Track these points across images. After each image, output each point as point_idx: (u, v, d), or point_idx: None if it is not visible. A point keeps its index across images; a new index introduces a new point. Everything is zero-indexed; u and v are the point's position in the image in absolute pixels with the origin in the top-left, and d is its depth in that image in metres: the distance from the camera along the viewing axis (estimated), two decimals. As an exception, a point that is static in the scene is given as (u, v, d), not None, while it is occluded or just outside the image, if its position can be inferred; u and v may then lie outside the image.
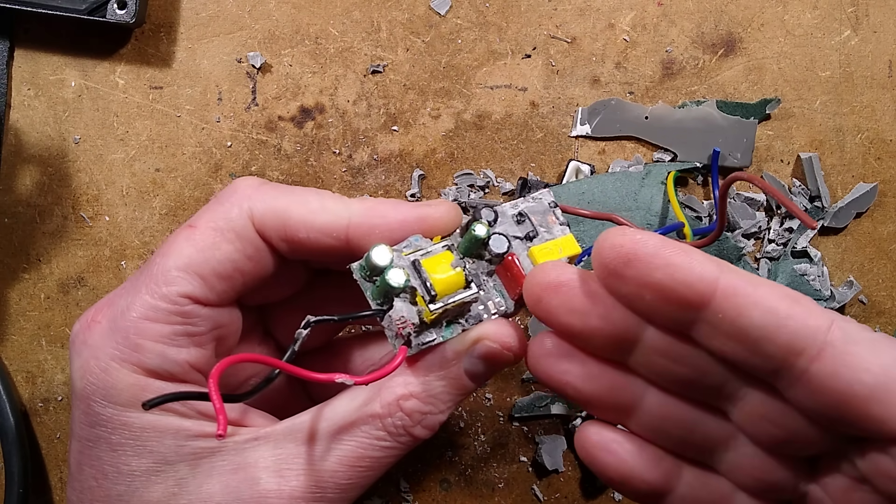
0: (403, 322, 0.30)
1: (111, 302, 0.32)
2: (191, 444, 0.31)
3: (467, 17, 0.47)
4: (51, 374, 0.46)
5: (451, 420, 0.47)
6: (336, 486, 0.31)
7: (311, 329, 0.29)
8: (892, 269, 0.49)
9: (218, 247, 0.31)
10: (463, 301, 0.30)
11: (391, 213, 0.32)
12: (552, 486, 0.48)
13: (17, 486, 0.43)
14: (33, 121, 0.46)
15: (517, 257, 0.31)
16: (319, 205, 0.32)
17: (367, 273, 0.30)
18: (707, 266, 0.25)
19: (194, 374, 0.32)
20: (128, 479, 0.31)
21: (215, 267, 0.31)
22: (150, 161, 0.46)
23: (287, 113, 0.46)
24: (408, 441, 0.31)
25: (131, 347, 0.31)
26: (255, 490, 0.30)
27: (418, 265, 0.30)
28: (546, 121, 0.47)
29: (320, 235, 0.32)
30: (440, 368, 0.31)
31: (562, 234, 0.33)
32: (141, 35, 0.46)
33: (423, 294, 0.30)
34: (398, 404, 0.31)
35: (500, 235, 0.31)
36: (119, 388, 0.30)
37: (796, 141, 0.48)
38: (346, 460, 0.31)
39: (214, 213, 0.32)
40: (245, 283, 0.33)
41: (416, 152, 0.47)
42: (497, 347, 0.31)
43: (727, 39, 0.48)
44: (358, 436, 0.31)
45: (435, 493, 0.47)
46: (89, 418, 0.31)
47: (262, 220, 0.32)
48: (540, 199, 0.33)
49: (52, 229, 0.46)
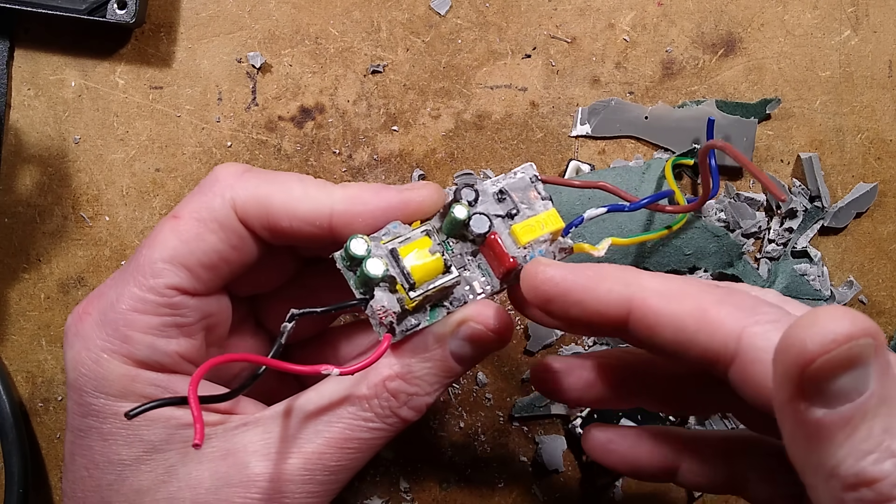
0: (385, 311, 0.30)
1: (101, 294, 0.32)
2: (181, 433, 0.32)
3: (467, 17, 0.47)
4: (51, 374, 0.46)
5: (451, 420, 0.47)
6: (325, 467, 0.31)
7: (296, 322, 0.29)
8: (892, 269, 0.49)
9: (202, 238, 0.32)
10: (443, 286, 0.31)
11: (373, 201, 0.32)
12: (552, 486, 0.48)
13: (17, 485, 0.43)
14: (33, 121, 0.46)
15: (499, 236, 0.31)
16: (302, 192, 0.32)
17: (348, 263, 0.31)
18: (615, 290, 0.26)
19: (184, 364, 0.33)
20: (118, 468, 0.31)
21: (200, 258, 0.32)
22: (150, 161, 0.46)
23: (287, 113, 0.46)
24: (395, 422, 0.32)
25: (121, 339, 0.31)
26: (245, 474, 0.31)
27: (396, 254, 0.30)
28: (546, 121, 0.47)
29: (303, 224, 0.32)
30: (425, 350, 0.31)
31: (544, 209, 0.33)
32: (141, 35, 0.46)
33: (402, 283, 0.30)
34: (384, 385, 0.31)
35: (482, 215, 0.31)
36: (110, 378, 0.31)
37: (796, 141, 0.48)
38: (334, 441, 0.31)
39: (198, 204, 0.32)
40: (231, 272, 0.33)
41: (416, 152, 0.47)
42: (481, 328, 0.31)
43: (727, 39, 0.48)
44: (345, 417, 0.31)
45: (435, 493, 0.47)
46: (81, 408, 0.32)
47: (245, 210, 0.32)
48: (522, 175, 0.33)
49: (52, 229, 0.46)
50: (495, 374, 0.47)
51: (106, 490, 0.31)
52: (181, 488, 0.31)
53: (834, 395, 0.20)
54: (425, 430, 0.47)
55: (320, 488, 0.31)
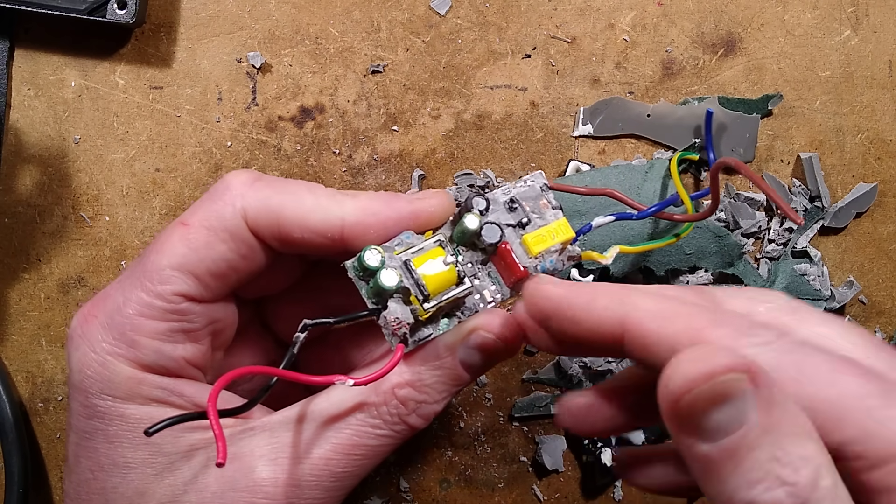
0: (399, 323, 0.30)
1: (107, 296, 0.32)
2: (187, 437, 0.31)
3: (467, 17, 0.47)
4: (51, 374, 0.46)
5: (451, 420, 0.47)
6: (331, 473, 0.31)
7: (308, 333, 0.29)
8: (892, 269, 0.49)
9: (212, 247, 0.32)
10: (457, 297, 0.31)
11: (384, 211, 0.32)
12: (552, 486, 0.48)
13: (16, 486, 0.43)
14: (33, 121, 0.46)
15: (510, 245, 0.31)
16: (314, 203, 0.32)
17: (361, 273, 0.31)
18: (610, 308, 0.26)
19: (190, 368, 0.33)
20: (123, 470, 0.31)
21: (209, 266, 0.32)
22: (150, 161, 0.46)
23: (287, 113, 0.46)
24: (403, 430, 0.32)
25: (128, 343, 0.31)
26: (251, 479, 0.31)
27: (410, 266, 0.30)
28: (546, 121, 0.47)
29: (314, 236, 0.32)
30: (436, 359, 0.31)
31: (555, 218, 0.33)
32: (141, 35, 0.46)
33: (416, 294, 0.30)
34: (393, 393, 0.31)
35: (493, 225, 0.31)
36: (116, 381, 0.31)
37: (796, 141, 0.48)
38: (342, 448, 0.31)
39: (208, 212, 0.32)
40: (239, 280, 0.33)
41: (416, 152, 0.47)
42: (491, 337, 0.31)
43: (727, 39, 0.48)
44: (353, 424, 0.31)
45: (435, 493, 0.47)
46: (87, 410, 0.31)
47: (256, 220, 0.32)
48: (532, 184, 0.33)
49: (52, 229, 0.46)
50: (495, 374, 0.47)
51: (111, 493, 0.31)
52: (187, 492, 0.31)
53: (712, 429, 0.22)
54: (425, 430, 0.47)
55: (326, 494, 0.31)
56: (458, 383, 0.32)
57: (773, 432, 0.21)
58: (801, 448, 0.21)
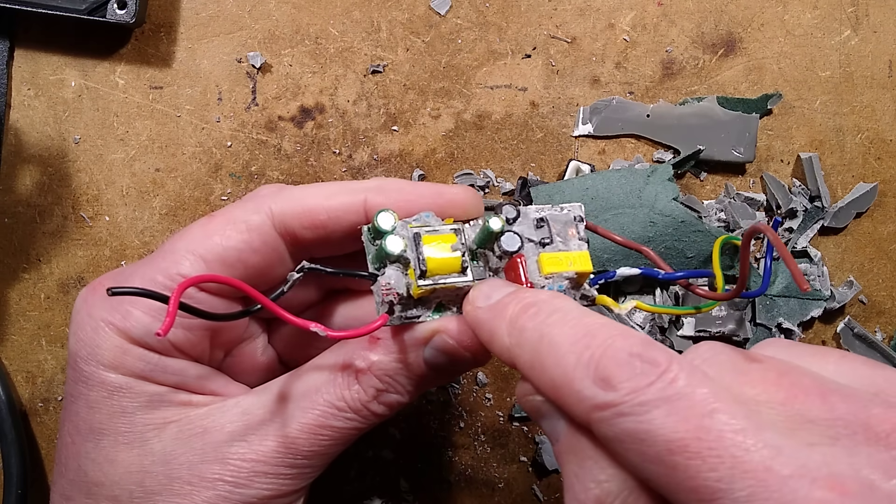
0: (389, 289, 0.30)
1: (122, 271, 0.34)
2: (162, 410, 0.33)
3: (467, 17, 0.47)
4: (51, 374, 0.46)
5: (451, 420, 0.47)
6: (298, 451, 0.32)
7: (304, 275, 0.29)
8: (892, 269, 0.49)
9: (227, 235, 0.33)
10: (455, 286, 0.31)
11: (407, 187, 0.33)
12: (552, 486, 0.48)
13: (16, 486, 0.43)
14: (33, 121, 0.46)
15: (524, 260, 0.31)
16: (338, 187, 0.34)
17: (373, 237, 0.31)
18: (505, 345, 0.27)
19: (175, 352, 0.33)
20: (97, 436, 0.32)
21: (220, 253, 0.33)
22: (150, 161, 0.46)
23: (287, 113, 0.46)
24: (367, 415, 0.33)
25: (122, 314, 0.32)
26: (220, 452, 0.32)
27: (418, 239, 0.30)
28: (546, 121, 0.47)
29: (340, 213, 0.33)
30: (402, 351, 0.32)
31: (578, 248, 0.33)
32: (141, 35, 0.46)
33: (415, 267, 0.30)
34: (356, 377, 0.32)
35: (514, 234, 0.31)
36: (103, 347, 0.32)
37: (796, 141, 0.48)
38: (308, 428, 0.32)
39: (233, 208, 0.34)
40: (247, 276, 0.34)
41: (416, 152, 0.47)
42: (453, 344, 0.31)
43: (727, 39, 0.48)
44: (320, 405, 0.32)
45: (435, 493, 0.47)
46: (74, 374, 0.33)
47: (283, 213, 0.33)
48: (567, 211, 0.33)
49: (52, 229, 0.46)
50: (495, 374, 0.47)
51: (83, 458, 0.32)
52: (155, 462, 0.32)
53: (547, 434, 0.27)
54: (425, 430, 0.47)
55: (293, 471, 0.32)
56: (422, 379, 0.33)
57: (575, 452, 0.25)
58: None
